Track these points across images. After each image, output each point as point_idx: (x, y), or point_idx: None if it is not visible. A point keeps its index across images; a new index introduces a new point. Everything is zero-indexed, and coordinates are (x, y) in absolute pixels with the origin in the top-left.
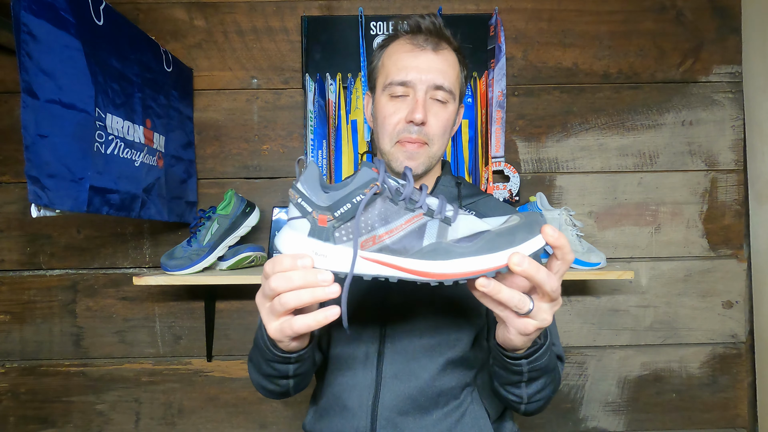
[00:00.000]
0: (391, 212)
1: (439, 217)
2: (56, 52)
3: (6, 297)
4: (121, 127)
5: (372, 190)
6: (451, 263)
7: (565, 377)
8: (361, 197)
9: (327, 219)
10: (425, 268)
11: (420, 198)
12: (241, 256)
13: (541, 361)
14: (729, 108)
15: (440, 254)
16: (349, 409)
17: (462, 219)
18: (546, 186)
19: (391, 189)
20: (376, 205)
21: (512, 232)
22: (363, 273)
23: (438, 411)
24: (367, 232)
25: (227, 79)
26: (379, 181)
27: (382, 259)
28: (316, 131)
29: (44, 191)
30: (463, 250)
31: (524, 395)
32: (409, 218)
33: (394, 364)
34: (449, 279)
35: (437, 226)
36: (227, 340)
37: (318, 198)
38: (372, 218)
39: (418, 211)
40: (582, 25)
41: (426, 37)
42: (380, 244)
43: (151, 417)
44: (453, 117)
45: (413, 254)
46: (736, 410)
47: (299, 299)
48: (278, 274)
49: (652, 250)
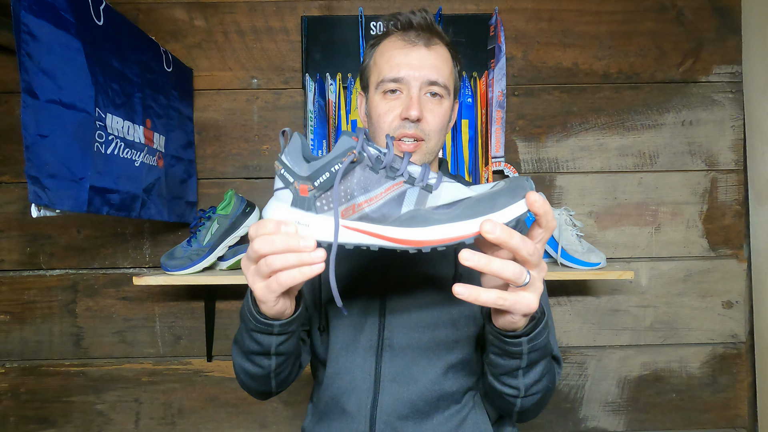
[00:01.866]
0: (371, 180)
1: (421, 185)
2: (56, 52)
3: (6, 297)
4: (121, 127)
5: (349, 158)
6: (428, 230)
7: (565, 377)
8: (339, 166)
9: (308, 188)
10: (402, 236)
11: (401, 166)
12: (241, 256)
13: (541, 338)
14: (729, 108)
15: (418, 221)
16: (347, 413)
17: (446, 186)
18: (546, 186)
19: (371, 157)
20: (356, 174)
21: (493, 198)
22: (344, 242)
23: (438, 415)
24: (346, 201)
25: (227, 79)
26: (356, 149)
27: (362, 227)
28: (316, 131)
29: (44, 191)
30: (441, 217)
31: (521, 386)
32: (388, 186)
33: (393, 368)
34: (426, 246)
35: (417, 194)
36: (227, 340)
37: (299, 168)
38: (352, 186)
39: (398, 179)
40: (582, 25)
41: (417, 33)
42: (360, 212)
43: (151, 417)
44: (449, 112)
45: (392, 222)
46: (736, 410)
47: (285, 261)
48: (261, 237)
49: (652, 250)
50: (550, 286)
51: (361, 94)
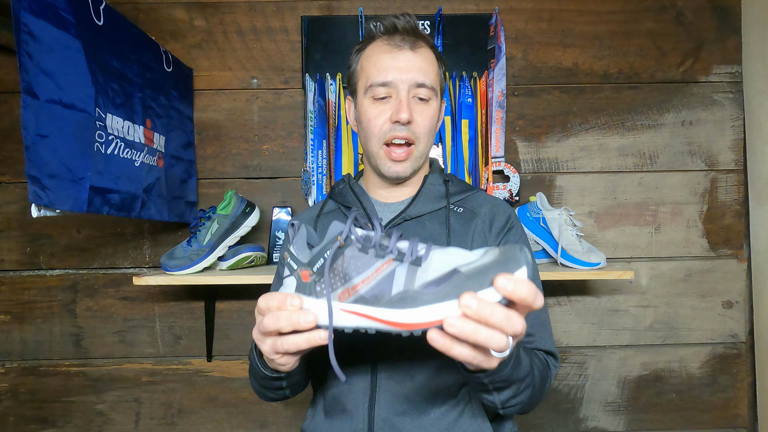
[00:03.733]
0: (363, 261)
1: (410, 260)
2: (56, 52)
3: (6, 297)
4: (121, 127)
5: (335, 245)
6: (418, 311)
7: (565, 377)
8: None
9: (308, 274)
10: (394, 318)
11: (390, 243)
12: (241, 256)
13: (502, 373)
14: (729, 108)
15: (408, 302)
16: (346, 412)
17: (435, 256)
18: (546, 186)
19: (359, 238)
20: (347, 256)
21: (483, 273)
22: (343, 325)
23: (435, 410)
24: (342, 284)
25: (227, 79)
26: (340, 236)
27: (359, 310)
28: (316, 131)
29: (44, 191)
30: (429, 297)
31: (497, 401)
32: (379, 266)
33: (389, 366)
34: (417, 329)
35: (406, 271)
36: (227, 340)
37: (302, 255)
38: (347, 269)
39: (387, 257)
40: (582, 25)
41: (403, 37)
42: (356, 294)
43: (151, 417)
44: (437, 113)
45: (385, 303)
46: (736, 410)
47: (297, 345)
48: (269, 315)
49: (652, 250)
50: (550, 286)
51: (349, 99)
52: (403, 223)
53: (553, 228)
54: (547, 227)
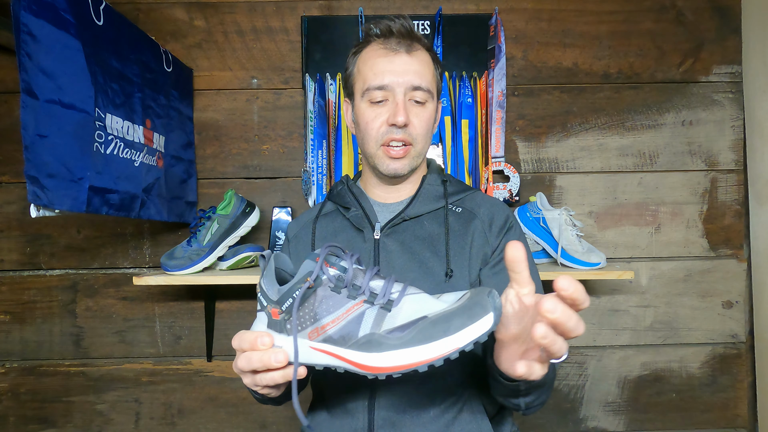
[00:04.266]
0: (334, 301)
1: (381, 303)
2: (56, 52)
3: (6, 297)
4: (121, 127)
5: (305, 285)
6: (382, 356)
7: (565, 377)
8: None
9: (278, 312)
10: (361, 360)
11: (363, 283)
12: (241, 256)
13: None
14: (729, 108)
15: (373, 346)
16: (347, 410)
17: (408, 302)
18: (546, 186)
19: (331, 278)
20: (319, 295)
21: (448, 320)
22: (314, 363)
23: (435, 408)
24: (312, 323)
25: (227, 79)
26: (310, 277)
27: (328, 349)
28: (316, 131)
29: (44, 191)
30: (394, 342)
31: (522, 404)
32: (349, 307)
33: None
34: (382, 373)
35: (375, 314)
36: (227, 340)
37: (271, 292)
38: (318, 308)
39: (359, 298)
40: (582, 25)
41: (398, 40)
42: (324, 334)
43: (151, 417)
44: (434, 115)
45: (351, 345)
46: (736, 410)
47: (274, 381)
48: (242, 356)
49: (652, 250)
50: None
51: (346, 101)
52: (402, 223)
53: (553, 228)
54: (547, 227)
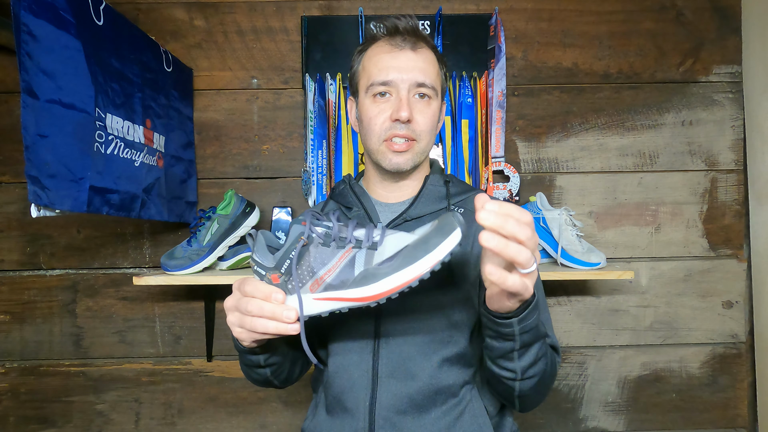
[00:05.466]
0: (326, 254)
1: (367, 245)
2: (56, 52)
3: (6, 297)
4: (121, 127)
5: (300, 244)
6: (379, 284)
7: (565, 377)
8: (294, 252)
9: (278, 276)
10: (360, 294)
11: (348, 233)
12: (241, 256)
13: (531, 319)
14: (729, 108)
15: (369, 279)
16: (347, 410)
17: (389, 239)
18: (546, 186)
19: (320, 236)
20: (311, 252)
21: (425, 240)
22: (319, 311)
23: (436, 409)
24: (310, 277)
25: (227, 79)
26: (303, 235)
27: (329, 295)
28: (316, 131)
29: (44, 191)
30: (387, 270)
31: (518, 369)
32: (341, 255)
33: (390, 364)
34: (382, 298)
35: (365, 255)
36: (227, 340)
37: (266, 261)
38: (313, 263)
39: (348, 246)
40: (582, 25)
41: (404, 38)
42: (324, 284)
43: (151, 417)
44: (437, 113)
45: (350, 285)
46: (736, 410)
47: (265, 327)
48: (254, 300)
49: (652, 250)
50: (550, 286)
51: (351, 100)
52: (404, 224)
53: (553, 228)
54: (547, 227)
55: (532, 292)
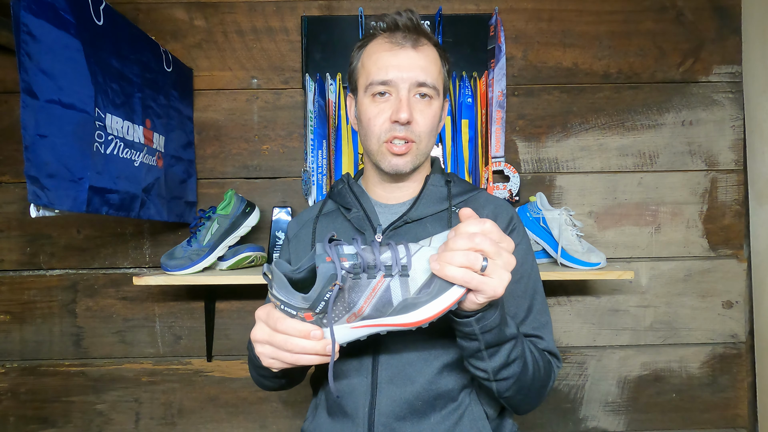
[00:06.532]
0: (358, 287)
1: (398, 272)
2: (56, 52)
3: (6, 297)
4: (121, 127)
5: (335, 289)
6: (420, 311)
7: (565, 377)
8: (329, 294)
9: (312, 315)
10: (402, 321)
11: (376, 261)
12: (241, 256)
13: (491, 319)
14: (729, 108)
15: (410, 308)
16: (347, 415)
17: (417, 261)
18: (546, 186)
19: (350, 270)
20: (345, 288)
21: None
22: (358, 336)
23: (436, 414)
24: (347, 312)
25: (227, 79)
26: (338, 280)
27: (367, 323)
28: (316, 131)
29: (44, 191)
30: (426, 298)
31: (489, 369)
32: (374, 286)
33: (389, 370)
34: (425, 323)
35: (399, 283)
36: (227, 340)
37: (296, 301)
38: (348, 298)
39: (378, 275)
40: (582, 25)
41: (404, 35)
42: (361, 315)
43: (151, 417)
44: (439, 113)
45: (390, 313)
46: (736, 410)
47: (303, 361)
48: (291, 340)
49: (652, 250)
50: (550, 286)
51: (350, 97)
52: (404, 225)
53: (553, 228)
54: (547, 227)
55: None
